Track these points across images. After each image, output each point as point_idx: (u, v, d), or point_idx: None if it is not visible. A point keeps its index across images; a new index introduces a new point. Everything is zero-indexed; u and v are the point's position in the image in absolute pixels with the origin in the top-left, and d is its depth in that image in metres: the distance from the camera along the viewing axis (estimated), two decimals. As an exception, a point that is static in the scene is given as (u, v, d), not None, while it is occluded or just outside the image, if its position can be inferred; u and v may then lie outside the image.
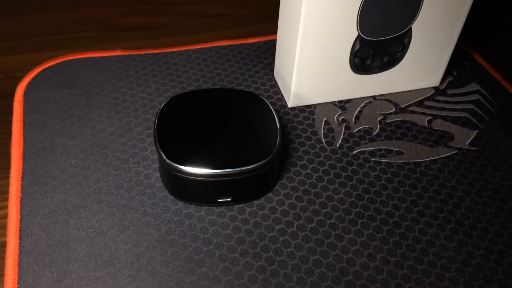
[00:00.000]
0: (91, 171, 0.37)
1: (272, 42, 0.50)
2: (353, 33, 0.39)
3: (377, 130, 0.42)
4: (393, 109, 0.44)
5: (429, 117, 0.43)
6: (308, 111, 0.43)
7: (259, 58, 0.48)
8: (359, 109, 0.43)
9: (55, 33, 0.51)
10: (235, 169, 0.32)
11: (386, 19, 0.38)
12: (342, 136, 0.41)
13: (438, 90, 0.46)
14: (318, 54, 0.39)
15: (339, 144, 0.40)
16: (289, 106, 0.43)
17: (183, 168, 0.32)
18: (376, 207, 0.36)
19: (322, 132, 0.41)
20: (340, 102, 0.44)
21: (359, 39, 0.39)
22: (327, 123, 0.42)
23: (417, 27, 0.40)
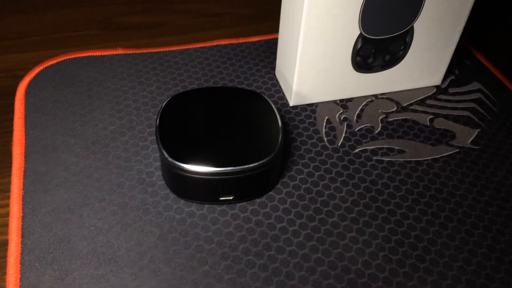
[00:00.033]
0: (92, 170, 0.37)
1: (273, 41, 0.50)
2: (355, 32, 0.38)
3: (379, 129, 0.41)
4: (394, 108, 0.44)
5: (430, 116, 0.43)
6: (309, 109, 0.43)
7: (260, 57, 0.48)
8: (360, 107, 0.43)
9: (56, 32, 0.51)
10: (237, 168, 0.32)
11: (388, 18, 0.38)
12: (343, 135, 0.41)
13: (440, 89, 0.46)
14: (320, 52, 0.39)
15: (340, 142, 0.40)
16: (290, 105, 0.43)
17: (185, 166, 0.32)
18: (378, 205, 0.36)
19: (324, 130, 0.41)
20: (341, 100, 0.44)
21: (361, 37, 0.39)
22: (328, 121, 0.42)
23: (419, 25, 0.40)
